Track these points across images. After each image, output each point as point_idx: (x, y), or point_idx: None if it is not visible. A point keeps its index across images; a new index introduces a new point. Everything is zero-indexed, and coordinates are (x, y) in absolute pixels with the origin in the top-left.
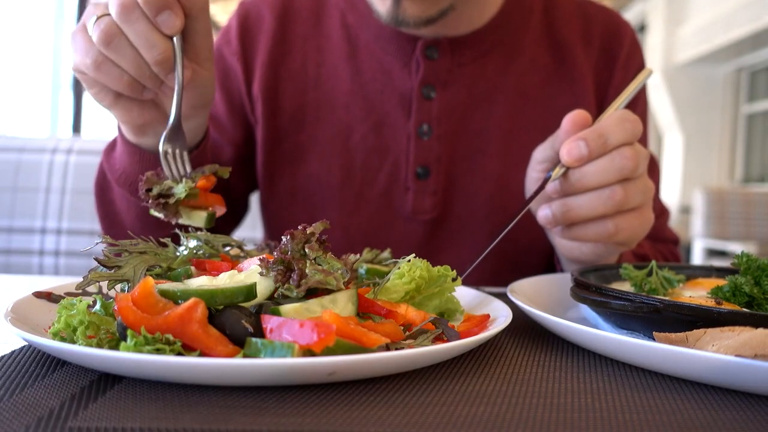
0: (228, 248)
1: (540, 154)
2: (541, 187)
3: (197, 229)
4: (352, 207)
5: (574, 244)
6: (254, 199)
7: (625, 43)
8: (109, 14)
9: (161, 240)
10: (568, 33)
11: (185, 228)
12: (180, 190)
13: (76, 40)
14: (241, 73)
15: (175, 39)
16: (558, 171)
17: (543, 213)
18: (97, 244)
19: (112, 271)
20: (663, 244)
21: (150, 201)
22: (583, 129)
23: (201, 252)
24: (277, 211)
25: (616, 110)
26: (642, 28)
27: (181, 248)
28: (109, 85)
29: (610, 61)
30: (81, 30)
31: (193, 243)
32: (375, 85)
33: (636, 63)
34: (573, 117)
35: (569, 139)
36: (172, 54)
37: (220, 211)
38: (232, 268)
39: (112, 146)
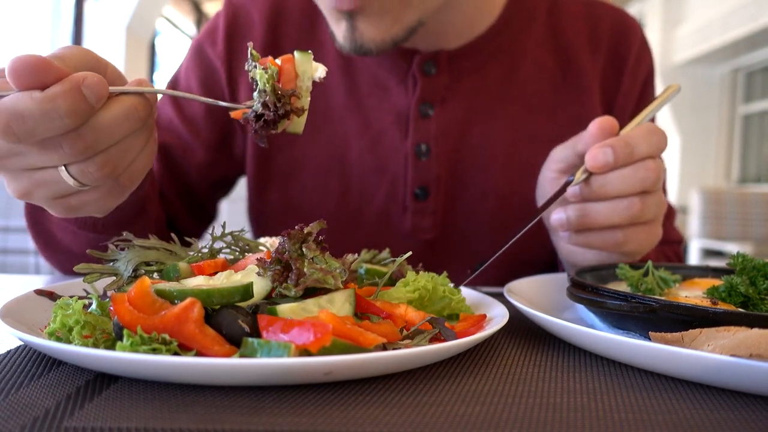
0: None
1: (558, 154)
2: (562, 191)
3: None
4: (350, 225)
5: (578, 249)
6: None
7: (633, 48)
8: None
9: (186, 239)
10: (575, 36)
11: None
12: (265, 76)
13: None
14: (224, 78)
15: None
16: (580, 176)
17: (557, 216)
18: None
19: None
20: (669, 246)
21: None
22: (609, 136)
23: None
24: (269, 225)
25: (642, 123)
26: None
27: (201, 246)
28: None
29: (617, 67)
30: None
31: (219, 245)
32: (371, 101)
33: (645, 67)
34: (601, 123)
35: (596, 145)
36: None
37: (321, 72)
38: (217, 269)
39: None
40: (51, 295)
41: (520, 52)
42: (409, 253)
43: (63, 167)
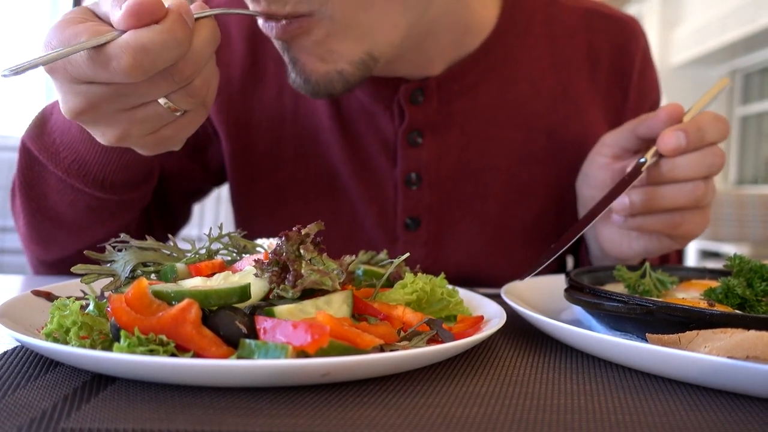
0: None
1: (611, 138)
2: (638, 172)
3: None
4: (339, 254)
5: (625, 237)
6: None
7: (636, 61)
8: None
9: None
10: (573, 53)
11: (172, 230)
12: None
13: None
14: None
15: None
16: (651, 159)
17: (620, 200)
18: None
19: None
20: None
21: None
22: (677, 122)
23: (226, 258)
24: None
25: (696, 115)
26: None
27: (199, 247)
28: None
29: (621, 83)
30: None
31: (216, 246)
32: (357, 126)
33: (649, 79)
34: (670, 109)
35: (668, 129)
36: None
37: None
38: (214, 270)
39: (41, 127)
40: (48, 296)
41: (514, 69)
42: (407, 254)
43: (163, 97)
